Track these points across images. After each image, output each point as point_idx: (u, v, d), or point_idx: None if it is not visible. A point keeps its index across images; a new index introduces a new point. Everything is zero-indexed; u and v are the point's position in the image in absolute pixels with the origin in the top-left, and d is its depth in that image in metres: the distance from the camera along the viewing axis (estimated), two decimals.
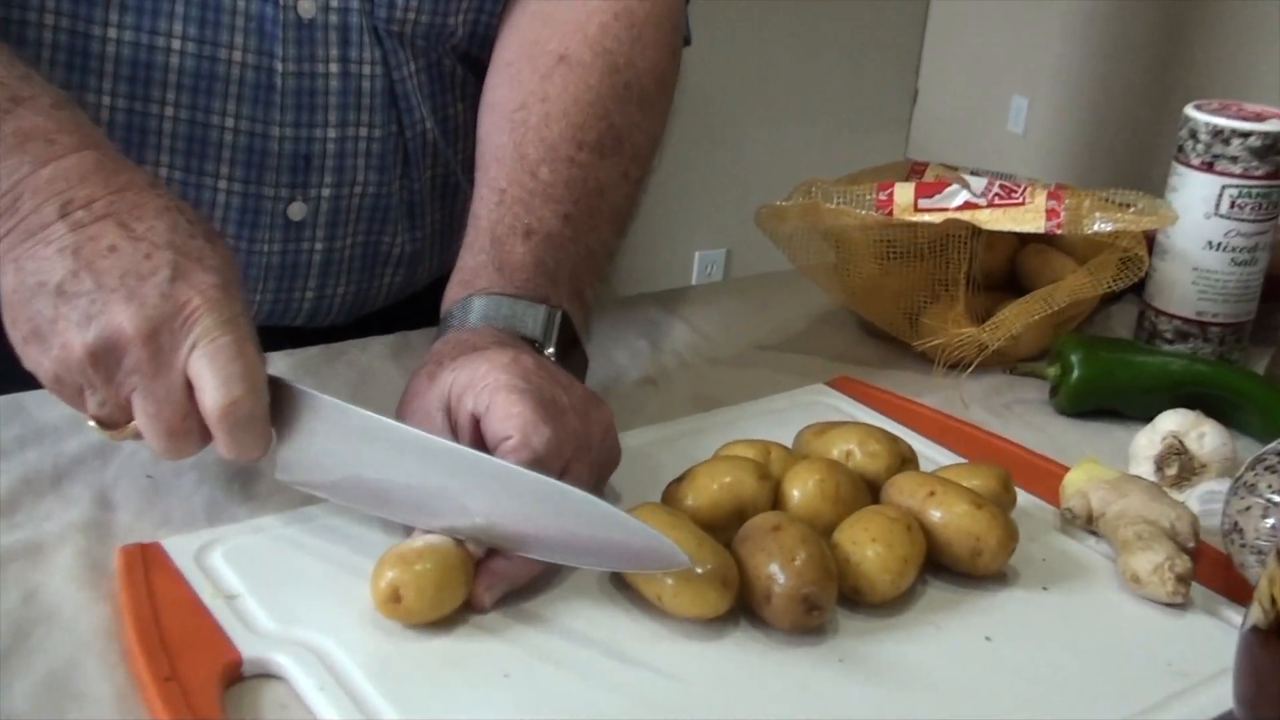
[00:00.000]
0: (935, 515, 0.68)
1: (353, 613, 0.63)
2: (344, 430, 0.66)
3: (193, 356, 0.64)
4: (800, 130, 2.76)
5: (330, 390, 0.86)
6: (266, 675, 0.59)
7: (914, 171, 0.99)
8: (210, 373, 0.63)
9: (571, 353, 0.77)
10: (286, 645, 0.60)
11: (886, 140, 2.89)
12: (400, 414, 0.72)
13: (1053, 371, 0.89)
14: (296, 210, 0.90)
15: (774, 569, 0.62)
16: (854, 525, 0.66)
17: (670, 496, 0.69)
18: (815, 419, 0.81)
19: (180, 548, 0.66)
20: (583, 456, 0.69)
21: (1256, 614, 0.55)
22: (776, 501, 0.69)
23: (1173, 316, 0.96)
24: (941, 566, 0.69)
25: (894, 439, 0.74)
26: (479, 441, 0.68)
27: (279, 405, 0.67)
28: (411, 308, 1.02)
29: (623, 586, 0.66)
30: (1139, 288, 0.99)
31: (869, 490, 0.71)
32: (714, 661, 0.61)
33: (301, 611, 0.62)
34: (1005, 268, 1.01)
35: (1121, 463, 0.83)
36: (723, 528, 0.67)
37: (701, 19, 1.03)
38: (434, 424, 0.69)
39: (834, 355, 0.98)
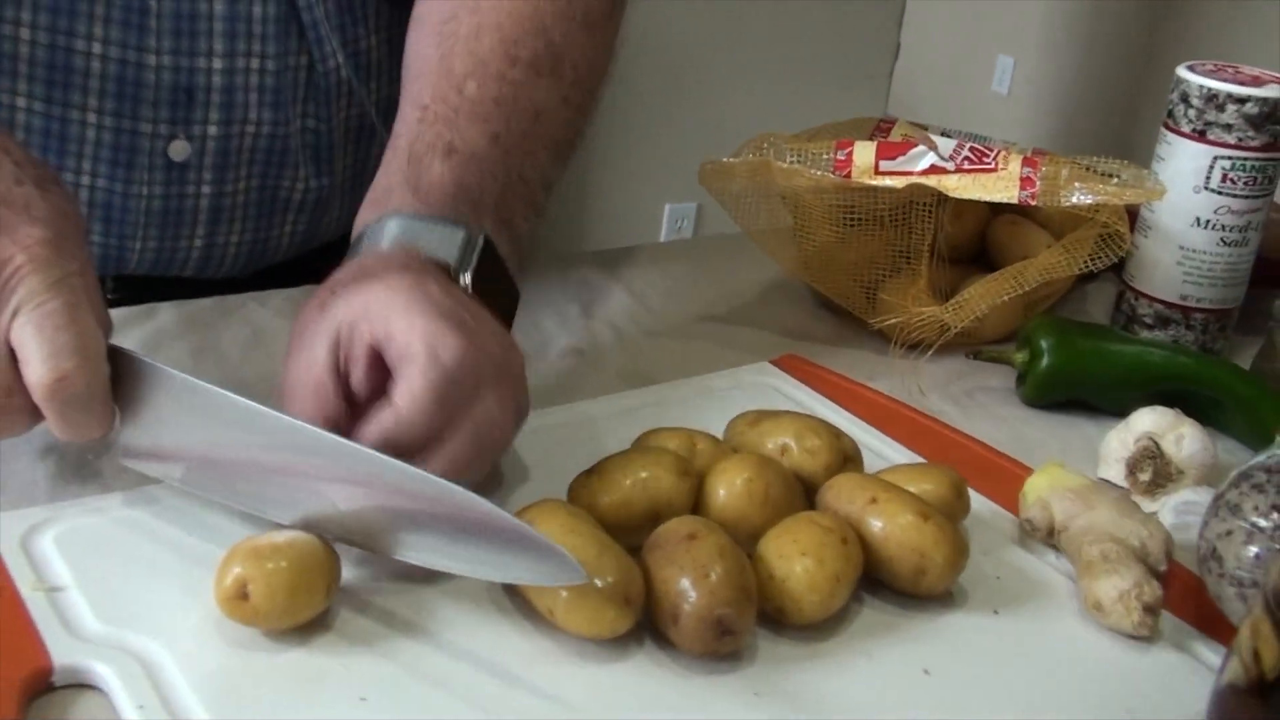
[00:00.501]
0: (876, 526, 0.59)
1: (194, 616, 0.54)
2: (194, 409, 0.58)
3: (15, 324, 0.55)
4: (777, 82, 2.65)
5: (221, 348, 0.78)
6: (84, 685, 0.51)
7: (879, 129, 0.90)
8: (36, 343, 0.54)
9: (494, 287, 0.68)
10: (109, 652, 0.52)
11: (866, 96, 2.78)
12: (287, 356, 0.62)
13: (1020, 358, 0.81)
14: (179, 149, 0.81)
15: (684, 585, 0.53)
16: (781, 536, 0.58)
17: (576, 491, 0.61)
18: (755, 401, 0.73)
19: (4, 528, 0.57)
20: (503, 383, 0.60)
21: (1235, 669, 0.47)
22: (698, 503, 0.61)
23: (1154, 300, 0.88)
24: (881, 584, 0.60)
25: (836, 434, 0.66)
26: (377, 383, 0.59)
27: (122, 379, 0.58)
28: (321, 260, 0.93)
29: (514, 595, 0.57)
30: (1119, 267, 0.91)
31: (805, 492, 0.63)
32: (609, 689, 0.53)
33: (134, 612, 0.54)
34: (974, 240, 0.92)
35: (1090, 462, 0.75)
36: (634, 530, 0.59)
37: None
38: (318, 364, 0.59)
39: (785, 330, 0.89)
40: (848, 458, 0.65)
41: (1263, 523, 0.56)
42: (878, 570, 0.60)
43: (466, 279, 0.65)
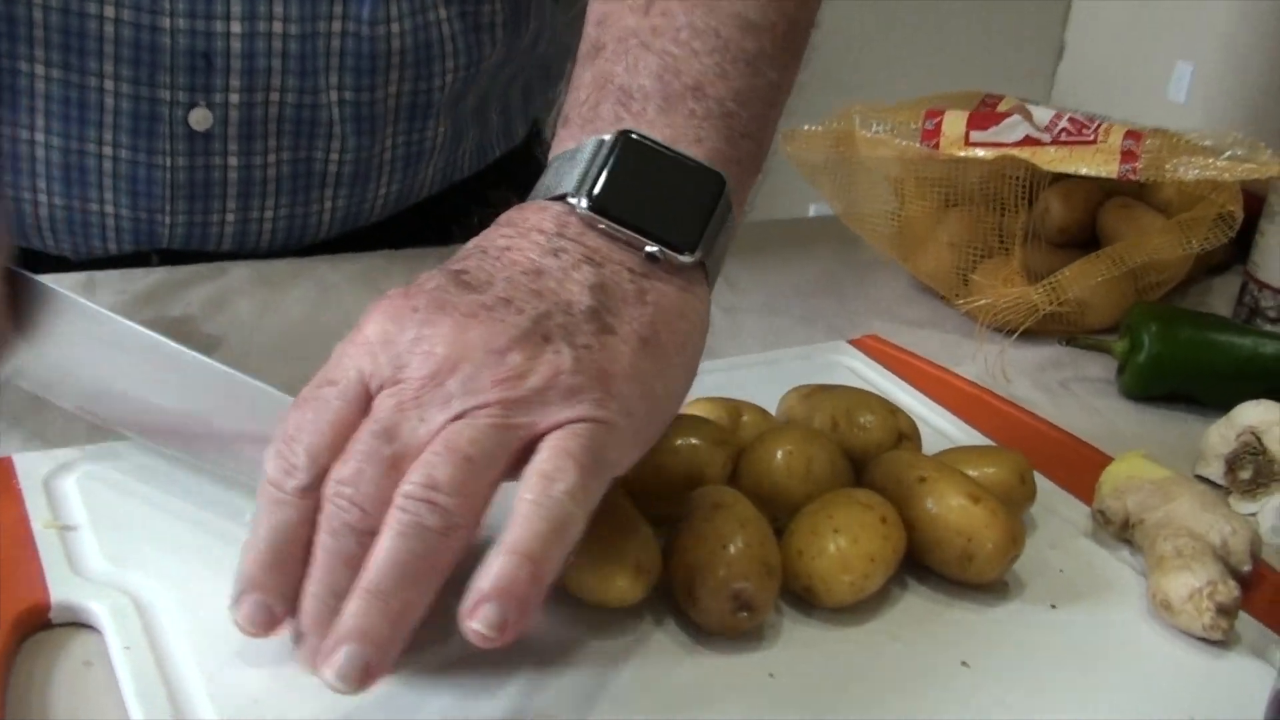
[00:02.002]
0: (923, 506, 0.55)
1: (209, 565, 0.53)
2: (90, 337, 0.57)
3: None
4: (931, 76, 2.58)
5: (284, 306, 0.78)
6: (82, 625, 0.50)
7: (985, 104, 0.85)
8: None
9: (639, 188, 0.51)
10: (107, 592, 0.51)
11: (1027, 96, 2.69)
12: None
13: (1120, 346, 0.75)
14: (199, 118, 0.79)
15: (702, 556, 0.50)
16: (816, 512, 0.54)
17: None
18: (823, 379, 0.69)
19: (31, 466, 0.57)
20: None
21: None
22: (736, 475, 0.58)
23: (1278, 292, 0.81)
24: (929, 570, 0.56)
25: (893, 410, 0.61)
26: None
27: (18, 302, 0.57)
28: (410, 224, 0.92)
29: None
30: (1245, 257, 0.84)
31: (855, 471, 0.59)
32: (614, 659, 0.50)
33: (142, 554, 0.53)
34: (1084, 223, 0.86)
35: (1191, 461, 0.69)
36: (669, 499, 0.56)
37: None
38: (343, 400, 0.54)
39: (874, 311, 0.85)
40: (903, 435, 0.61)
41: None
42: (924, 555, 0.56)
43: (581, 202, 0.50)
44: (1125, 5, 4.06)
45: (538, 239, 0.50)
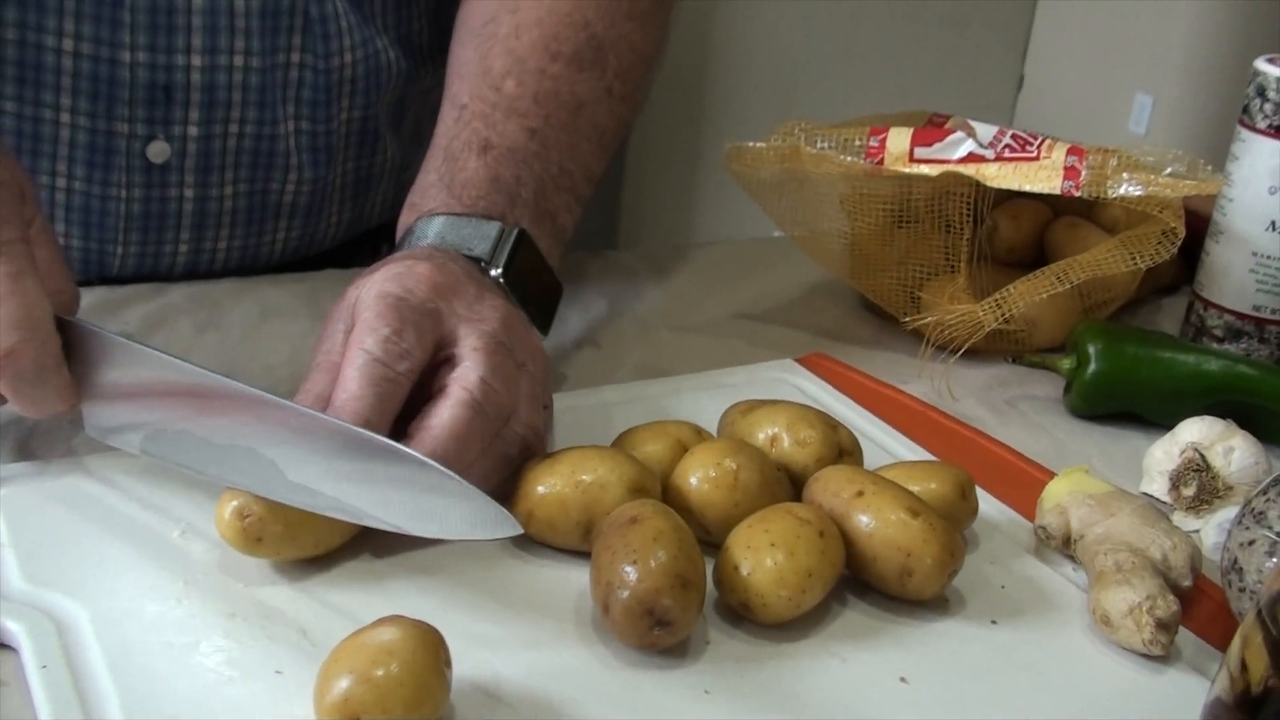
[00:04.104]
0: (861, 521, 0.55)
1: (129, 585, 0.52)
2: (140, 376, 0.56)
3: None
4: (889, 104, 2.59)
5: (225, 325, 0.77)
6: (2, 645, 0.49)
7: (932, 123, 0.85)
8: None
9: (531, 280, 0.67)
10: (25, 611, 0.49)
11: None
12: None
13: (1066, 364, 0.75)
14: (157, 151, 0.78)
15: (617, 572, 0.49)
16: (753, 526, 0.53)
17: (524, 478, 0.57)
18: (771, 398, 0.69)
19: None
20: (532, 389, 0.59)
21: (1223, 682, 0.41)
22: (667, 490, 0.57)
23: (1224, 310, 0.81)
24: (869, 585, 0.56)
25: (833, 425, 0.61)
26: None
27: (75, 351, 0.56)
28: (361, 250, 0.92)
29: None
30: (1194, 277, 0.84)
31: (793, 487, 0.59)
32: (546, 677, 0.49)
33: (65, 573, 0.52)
34: (1033, 243, 0.86)
35: (1136, 478, 0.69)
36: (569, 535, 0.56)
37: None
38: (334, 344, 0.58)
39: (823, 330, 0.85)
40: (844, 451, 0.60)
41: None
42: (863, 570, 0.55)
43: (497, 272, 0.64)
44: (1084, 37, 4.09)
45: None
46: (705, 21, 2.29)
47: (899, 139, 0.74)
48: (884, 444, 0.69)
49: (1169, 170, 0.74)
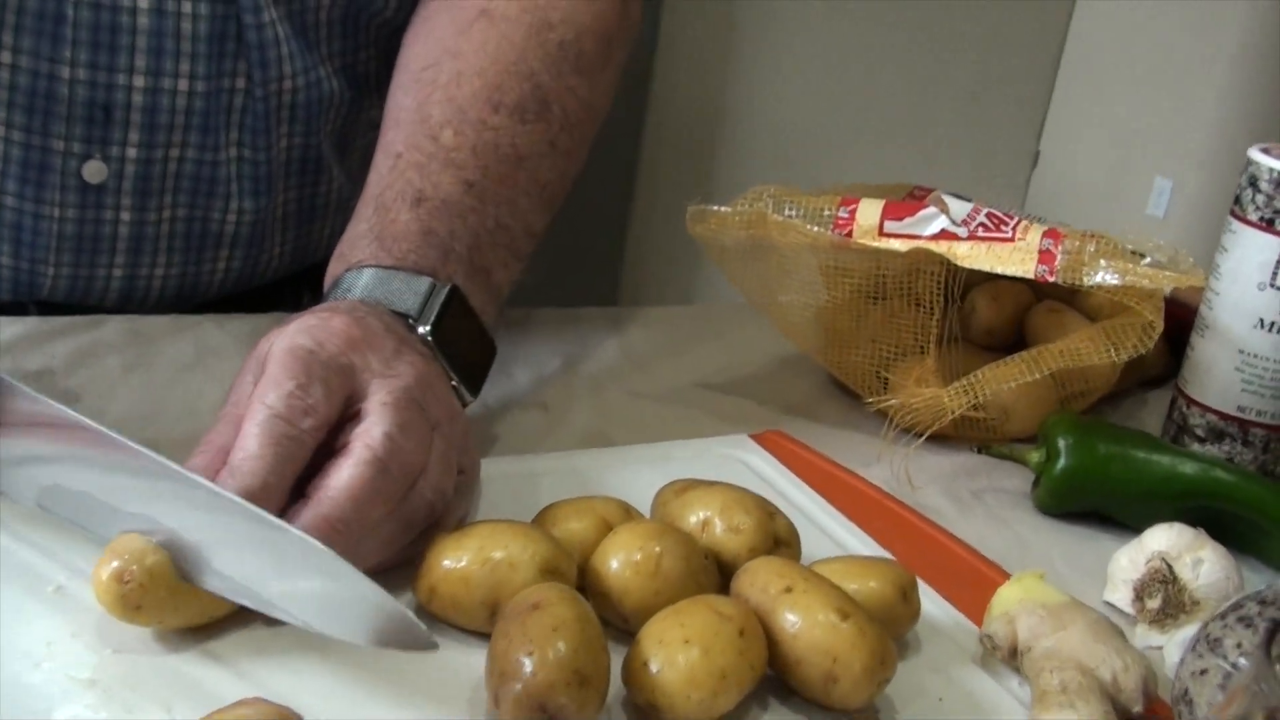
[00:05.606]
0: (787, 620, 0.50)
1: None
2: (39, 428, 0.52)
3: None
4: (900, 177, 2.56)
5: (154, 366, 0.73)
6: None
7: (912, 196, 0.82)
8: None
9: (462, 338, 0.63)
10: None
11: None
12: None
13: (1034, 457, 0.71)
14: (94, 171, 0.75)
15: (513, 661, 0.45)
16: (667, 618, 0.49)
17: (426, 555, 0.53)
18: (716, 476, 0.64)
19: None
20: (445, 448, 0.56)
21: None
22: (583, 574, 0.53)
23: (1207, 410, 0.77)
24: (793, 690, 0.51)
25: (770, 513, 0.57)
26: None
27: None
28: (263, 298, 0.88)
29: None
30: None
31: (723, 577, 0.55)
32: None
33: None
34: (1011, 326, 0.83)
35: (1100, 583, 0.65)
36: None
37: (797, 50, 0.88)
38: (241, 396, 0.55)
39: (787, 406, 0.81)
40: (780, 541, 0.56)
41: (1243, 663, 0.46)
42: (786, 673, 0.51)
43: (425, 330, 0.61)
44: (1104, 117, 4.07)
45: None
46: (719, 87, 2.27)
47: (869, 211, 0.70)
48: (832, 533, 0.65)
49: (1148, 260, 0.70)
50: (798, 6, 2.27)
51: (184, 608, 0.49)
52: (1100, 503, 0.71)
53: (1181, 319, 0.82)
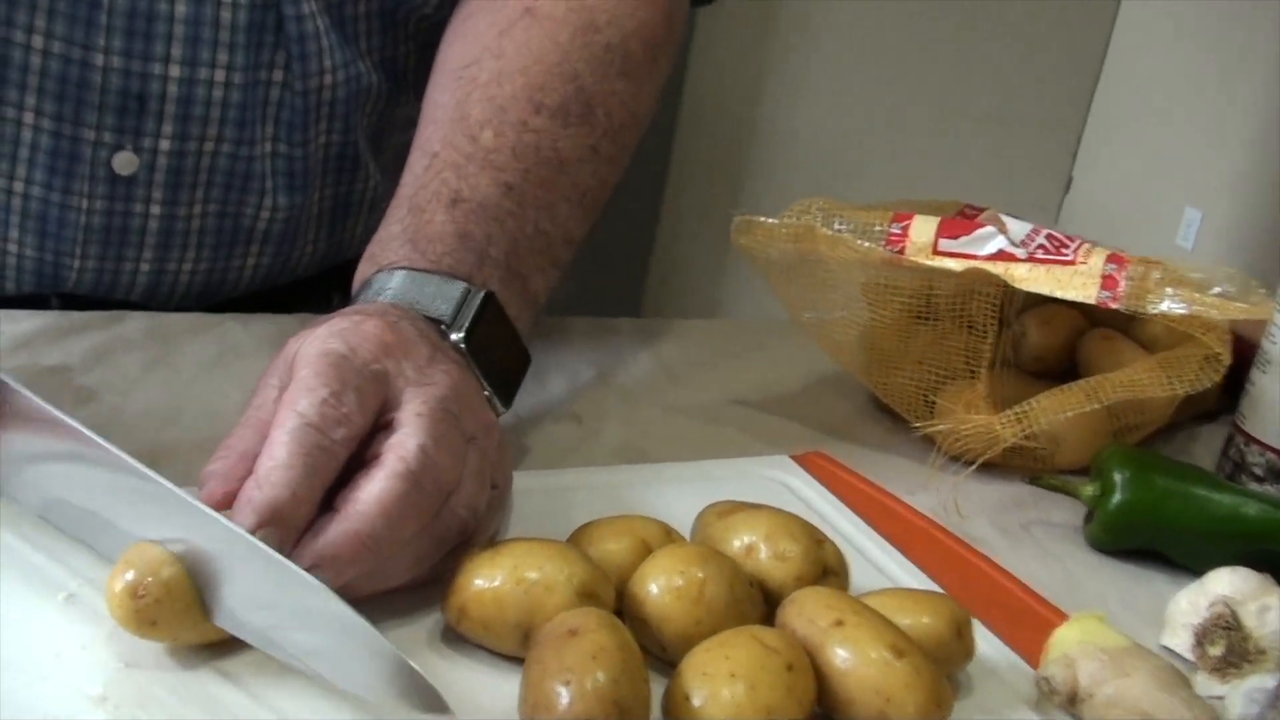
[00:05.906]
0: (838, 655, 0.48)
1: None
2: (48, 438, 0.50)
3: None
4: (930, 195, 2.53)
5: (176, 364, 0.71)
6: None
7: (964, 214, 0.79)
8: None
9: (496, 346, 0.61)
10: None
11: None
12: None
13: (1088, 491, 0.68)
14: (124, 162, 0.73)
15: (549, 691, 0.42)
16: (712, 650, 0.47)
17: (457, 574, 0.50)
18: (756, 497, 0.62)
19: None
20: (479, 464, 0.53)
21: None
22: (623, 599, 0.50)
23: (1267, 448, 0.74)
24: None
25: (819, 540, 0.54)
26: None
27: None
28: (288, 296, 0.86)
29: None
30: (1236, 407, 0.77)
31: (767, 606, 0.52)
32: None
33: None
34: (1064, 353, 0.80)
35: (1157, 627, 0.62)
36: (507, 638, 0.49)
37: (831, 65, 0.86)
38: (266, 400, 0.52)
39: (828, 427, 0.78)
40: (828, 570, 0.53)
41: None
42: (835, 711, 0.48)
43: (458, 336, 0.58)
44: (1137, 145, 4.03)
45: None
46: (750, 100, 2.24)
47: (924, 228, 0.68)
48: (878, 562, 0.62)
49: (1217, 290, 0.67)
50: (832, 22, 2.25)
51: (201, 623, 0.47)
52: (1156, 541, 0.67)
53: (1238, 352, 0.79)
